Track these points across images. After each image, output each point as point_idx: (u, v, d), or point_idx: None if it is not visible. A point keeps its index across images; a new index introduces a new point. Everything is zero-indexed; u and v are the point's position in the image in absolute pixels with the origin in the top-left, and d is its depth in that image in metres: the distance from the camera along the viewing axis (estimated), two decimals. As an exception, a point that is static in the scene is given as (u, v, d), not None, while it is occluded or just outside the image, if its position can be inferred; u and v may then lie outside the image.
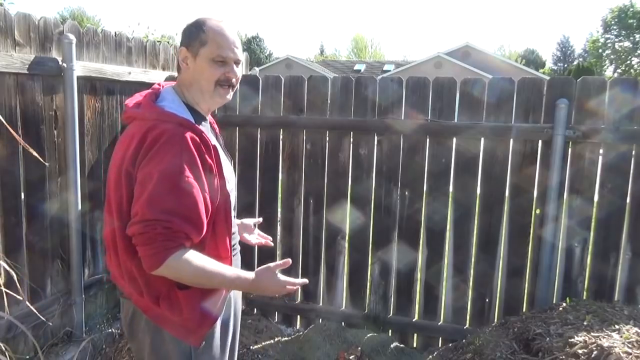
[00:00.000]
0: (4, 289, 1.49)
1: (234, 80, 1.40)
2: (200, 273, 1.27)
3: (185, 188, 1.23)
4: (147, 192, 1.21)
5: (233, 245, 1.50)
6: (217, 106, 1.51)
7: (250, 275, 1.36)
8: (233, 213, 1.49)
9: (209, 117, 1.50)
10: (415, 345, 2.98)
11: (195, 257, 1.26)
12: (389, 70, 26.13)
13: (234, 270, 1.37)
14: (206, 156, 1.30)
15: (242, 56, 1.43)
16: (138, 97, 1.42)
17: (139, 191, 1.24)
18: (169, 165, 1.22)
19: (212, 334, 1.43)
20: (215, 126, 1.57)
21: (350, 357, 2.71)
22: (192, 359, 1.39)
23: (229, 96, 1.43)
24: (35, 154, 1.73)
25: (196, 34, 1.36)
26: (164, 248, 1.21)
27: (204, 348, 1.41)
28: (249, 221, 1.80)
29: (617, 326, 2.05)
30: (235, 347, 1.63)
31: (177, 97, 1.39)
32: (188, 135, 1.27)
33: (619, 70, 36.86)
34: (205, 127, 1.41)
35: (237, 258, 1.58)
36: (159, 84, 1.45)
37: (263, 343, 2.86)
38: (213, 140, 1.37)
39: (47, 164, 1.68)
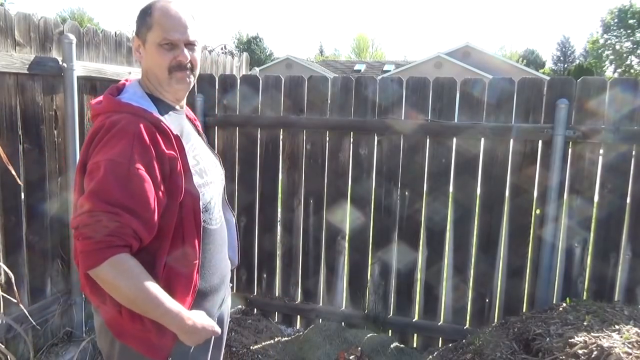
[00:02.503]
0: (1, 292, 1.48)
1: (187, 64, 1.29)
2: (139, 288, 1.11)
3: (136, 181, 1.12)
4: (94, 183, 1.11)
5: (218, 221, 1.41)
6: (182, 93, 1.36)
7: (187, 313, 1.22)
8: (219, 204, 1.42)
9: (185, 109, 1.42)
10: (415, 345, 2.98)
11: (140, 269, 1.12)
12: (389, 71, 26.11)
13: (176, 304, 1.20)
14: (163, 147, 1.19)
15: (195, 36, 1.30)
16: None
17: (86, 183, 1.14)
18: (118, 156, 1.12)
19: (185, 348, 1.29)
20: (192, 116, 1.49)
21: (350, 357, 2.71)
22: None
23: (190, 80, 1.32)
24: (13, 171, 1.71)
25: (143, 20, 1.27)
26: (108, 245, 1.08)
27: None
28: None
29: (617, 326, 2.05)
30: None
31: (140, 89, 1.31)
32: (142, 124, 1.17)
33: (619, 71, 36.84)
34: (173, 118, 1.32)
35: (222, 230, 1.45)
36: (126, 79, 1.36)
37: (263, 343, 2.86)
38: (177, 130, 1.27)
39: (9, 166, 1.66)
